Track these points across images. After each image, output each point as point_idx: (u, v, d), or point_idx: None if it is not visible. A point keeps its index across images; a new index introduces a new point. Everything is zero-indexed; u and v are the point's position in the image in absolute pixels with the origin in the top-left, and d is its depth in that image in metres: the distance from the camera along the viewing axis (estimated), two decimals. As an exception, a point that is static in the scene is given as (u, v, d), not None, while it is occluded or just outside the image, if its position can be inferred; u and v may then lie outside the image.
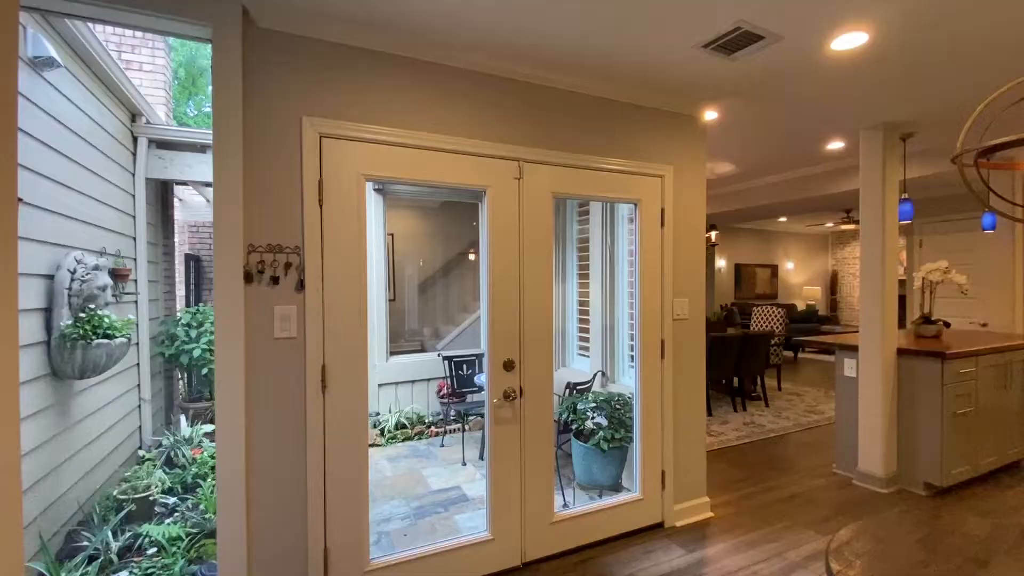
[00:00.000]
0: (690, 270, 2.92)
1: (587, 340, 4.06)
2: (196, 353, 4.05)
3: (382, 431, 4.45)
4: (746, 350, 5.28)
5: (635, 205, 2.74)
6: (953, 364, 3.17)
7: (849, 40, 2.15)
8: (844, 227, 8.15)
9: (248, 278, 1.85)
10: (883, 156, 3.33)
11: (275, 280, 1.89)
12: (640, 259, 2.75)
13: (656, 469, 2.80)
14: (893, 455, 3.35)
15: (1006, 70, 2.45)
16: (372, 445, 4.34)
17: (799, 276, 11.62)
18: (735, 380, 5.45)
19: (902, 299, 6.81)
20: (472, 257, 6.93)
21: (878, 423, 3.31)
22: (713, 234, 6.07)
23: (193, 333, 4.14)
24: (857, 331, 3.52)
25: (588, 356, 4.01)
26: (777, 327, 6.31)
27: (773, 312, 6.54)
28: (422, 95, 2.17)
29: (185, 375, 4.54)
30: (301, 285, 1.93)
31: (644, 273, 2.76)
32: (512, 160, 2.34)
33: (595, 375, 3.66)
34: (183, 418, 4.14)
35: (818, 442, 4.30)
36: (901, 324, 4.36)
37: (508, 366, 2.33)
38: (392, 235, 6.38)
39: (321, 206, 1.96)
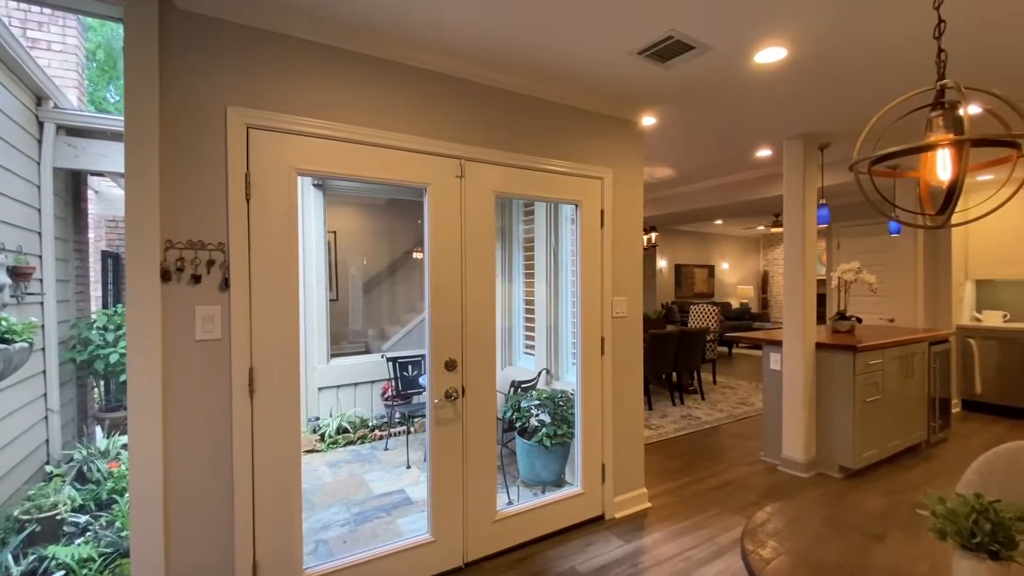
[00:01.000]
0: (628, 269, 3.02)
1: (533, 339, 4.11)
2: (113, 358, 3.74)
3: (322, 436, 4.30)
4: (684, 346, 5.52)
5: (576, 206, 2.80)
6: (863, 356, 3.46)
7: (770, 54, 2.30)
8: (773, 230, 8.71)
9: (165, 276, 1.72)
10: (803, 164, 3.59)
11: (196, 279, 1.78)
12: (581, 259, 2.81)
13: (596, 463, 2.87)
14: (813, 442, 3.61)
15: (902, 87, 2.70)
16: (311, 451, 4.18)
17: (733, 276, 12.30)
18: (673, 375, 5.69)
19: (823, 297, 7.37)
20: (418, 256, 6.83)
21: (799, 412, 3.56)
22: (653, 235, 6.29)
23: (110, 337, 3.82)
24: (783, 327, 3.77)
25: (534, 354, 4.06)
26: (712, 324, 6.65)
27: (708, 310, 6.88)
28: (361, 89, 2.12)
29: (101, 383, 4.19)
30: (226, 284, 1.83)
31: (585, 272, 2.82)
32: (454, 158, 2.33)
33: (540, 373, 3.71)
34: (99, 429, 3.81)
35: (748, 432, 4.56)
36: (822, 320, 4.71)
37: (450, 366, 2.31)
38: (334, 233, 6.17)
39: (248, 201, 1.87)
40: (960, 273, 5.28)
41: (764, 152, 4.54)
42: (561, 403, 3.25)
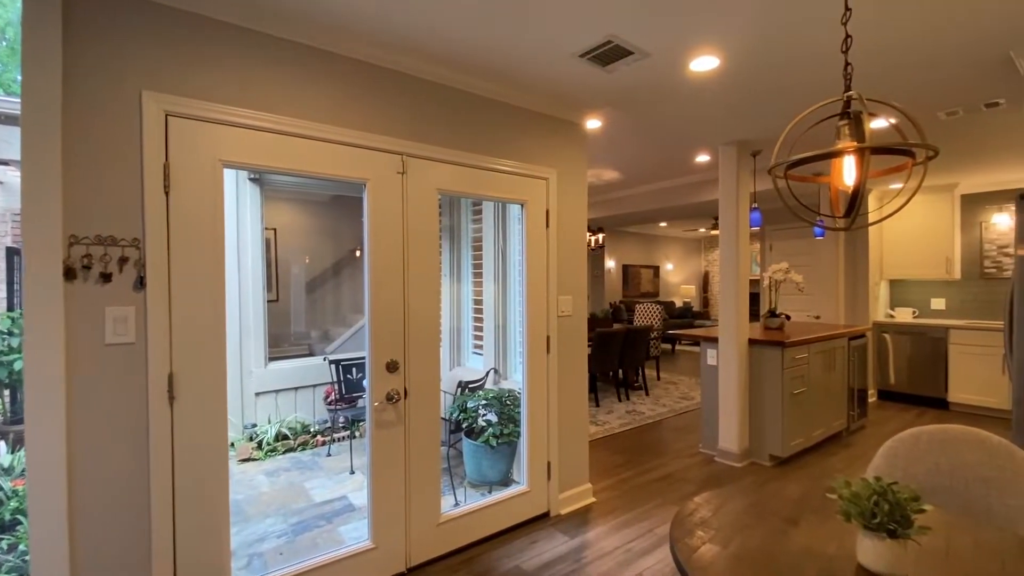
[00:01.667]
0: (573, 269, 3.06)
1: (482, 338, 4.09)
2: (18, 365, 3.38)
3: (260, 444, 4.09)
4: (629, 344, 5.68)
5: (522, 206, 2.81)
6: (791, 351, 3.68)
7: (704, 63, 2.40)
8: (713, 232, 9.13)
9: (69, 274, 1.57)
10: (737, 170, 3.78)
11: (106, 277, 1.63)
12: (527, 258, 2.82)
13: (542, 461, 2.89)
14: (746, 433, 3.81)
15: (821, 98, 2.89)
16: (247, 460, 3.97)
17: (677, 276, 12.80)
18: (620, 372, 5.84)
19: (757, 296, 7.82)
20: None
21: (734, 405, 3.74)
22: (600, 236, 6.42)
23: (14, 342, 3.46)
24: (718, 325, 3.95)
25: (482, 354, 4.04)
26: (656, 322, 6.88)
27: (652, 308, 7.11)
28: (296, 79, 2.02)
29: (6, 392, 3.78)
30: (141, 283, 1.69)
31: (531, 272, 2.84)
32: (395, 154, 2.27)
33: (488, 372, 3.70)
34: (2, 444, 3.44)
35: (689, 425, 4.75)
36: (756, 318, 4.98)
37: (391, 367, 2.25)
38: (274, 230, 5.89)
39: (167, 193, 1.74)
40: (876, 273, 5.74)
41: (703, 158, 4.75)
42: (508, 402, 3.26)
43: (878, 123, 3.10)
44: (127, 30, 1.68)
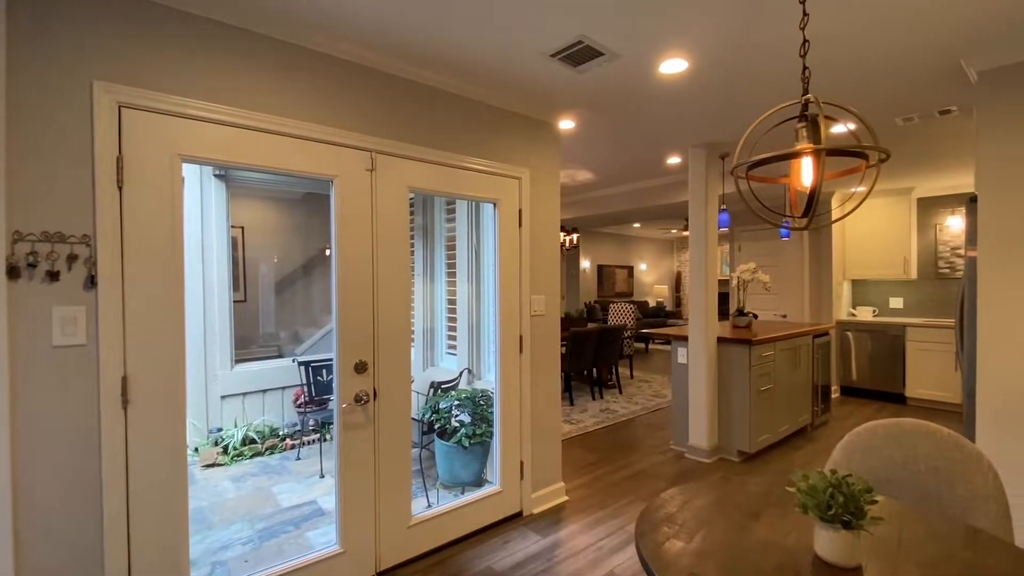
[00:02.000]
0: (546, 269, 3.07)
1: (455, 339, 4.06)
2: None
3: (225, 448, 3.97)
4: (603, 343, 5.73)
5: (494, 205, 2.80)
6: (758, 349, 3.78)
7: (674, 65, 2.43)
8: (684, 233, 9.31)
9: (13, 273, 1.49)
10: (706, 171, 3.85)
11: (54, 275, 1.55)
12: (499, 258, 2.81)
13: (515, 461, 2.89)
14: (715, 429, 3.88)
15: (783, 103, 2.98)
16: (212, 465, 3.85)
17: (650, 276, 13.00)
18: (594, 371, 5.89)
19: (727, 296, 7.99)
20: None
21: (703, 402, 3.81)
22: (575, 236, 6.47)
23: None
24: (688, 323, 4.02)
25: (456, 354, 4.01)
26: (629, 321, 6.97)
27: (626, 308, 7.20)
28: (260, 73, 1.96)
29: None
30: (92, 282, 1.61)
31: (503, 271, 2.83)
32: (364, 150, 2.23)
33: (461, 373, 3.67)
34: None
35: (660, 422, 4.83)
36: (725, 317, 5.09)
37: (360, 368, 2.21)
38: (242, 228, 5.73)
39: (121, 188, 1.66)
40: (839, 273, 5.94)
41: (674, 160, 4.82)
42: (481, 402, 3.24)
43: (839, 128, 3.21)
44: (77, 17, 1.60)
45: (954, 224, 5.68)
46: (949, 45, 2.25)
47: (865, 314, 6.03)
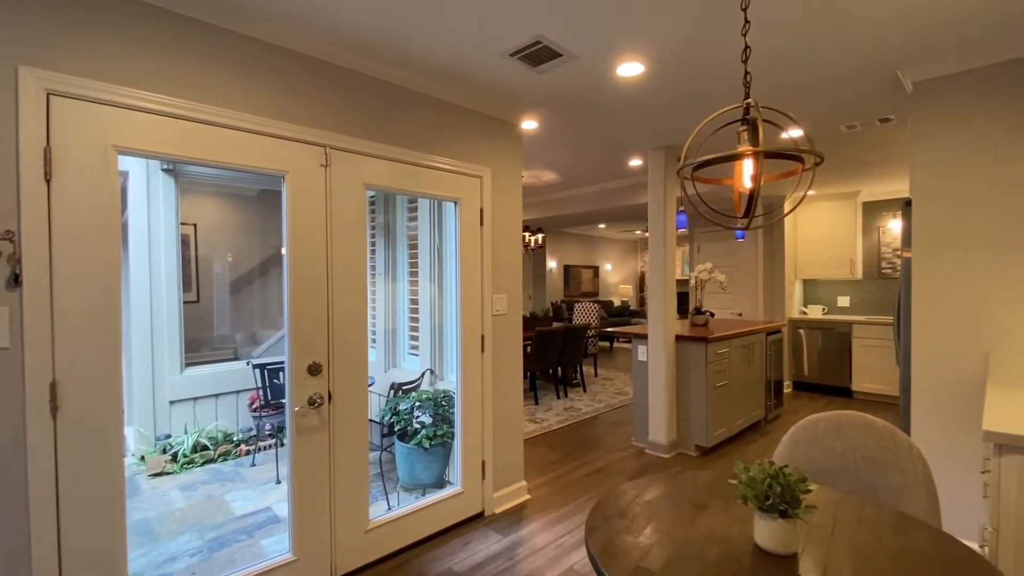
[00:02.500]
0: (508, 268, 3.07)
1: (418, 339, 4.01)
2: None
3: (174, 456, 3.79)
4: (568, 342, 5.79)
5: (455, 203, 2.78)
6: (714, 346, 3.89)
7: (630, 68, 2.47)
8: (648, 234, 9.50)
9: (-79, 271, 1.37)
10: (664, 173, 3.94)
11: (-30, 274, 1.44)
12: (460, 257, 2.79)
13: (477, 460, 2.87)
14: (674, 425, 3.98)
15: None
16: (160, 474, 3.67)
17: (615, 276, 13.22)
18: (559, 369, 5.94)
19: (687, 296, 8.20)
20: (297, 253, 6.31)
21: (662, 399, 3.90)
22: (540, 236, 6.51)
23: None
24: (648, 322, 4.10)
25: (419, 355, 3.96)
26: (593, 320, 7.06)
27: (591, 307, 7.29)
28: (208, 63, 1.88)
29: None
30: (16, 280, 1.51)
31: (465, 270, 2.81)
32: (318, 146, 2.17)
33: (424, 374, 3.63)
34: None
35: (623, 419, 4.91)
36: (686, 316, 5.23)
37: (314, 370, 2.15)
38: (194, 226, 5.49)
39: (49, 181, 1.56)
40: (791, 273, 6.20)
41: (636, 162, 4.92)
42: (444, 403, 3.21)
43: (791, 133, 3.34)
44: (-4, -5, 1.49)
45: (895, 227, 6.02)
46: (887, 57, 2.38)
47: (815, 312, 6.31)
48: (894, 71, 2.54)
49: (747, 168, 1.15)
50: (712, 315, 4.75)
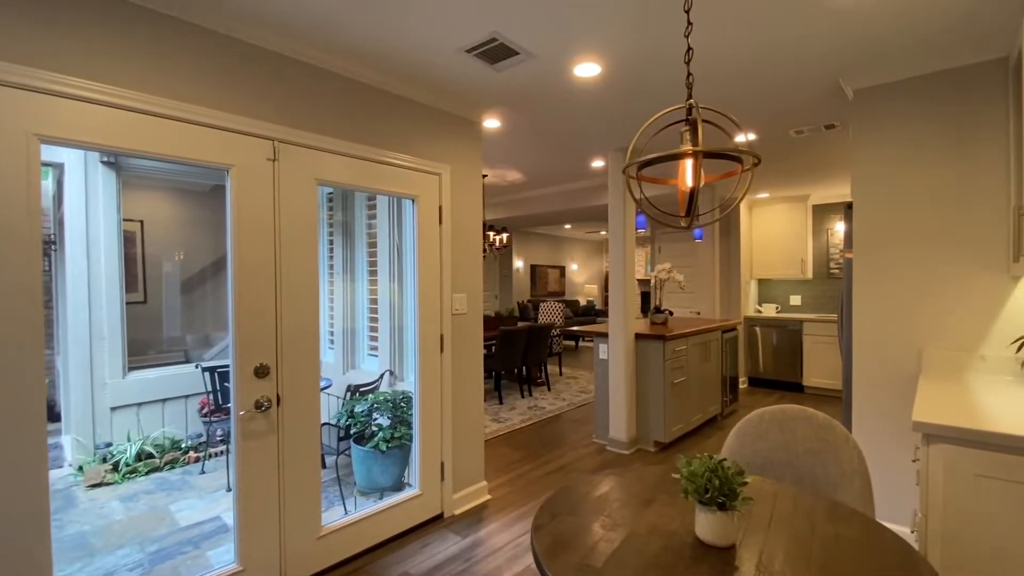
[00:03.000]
0: (468, 267, 3.04)
1: (377, 339, 3.93)
2: None
3: (116, 465, 3.58)
4: (532, 341, 5.81)
5: (413, 201, 2.73)
6: (671, 344, 3.98)
7: (587, 69, 2.49)
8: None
9: None
10: (624, 175, 3.99)
11: None
12: (418, 255, 2.75)
13: (435, 462, 2.83)
14: (633, 422, 4.05)
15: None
16: (99, 485, 3.46)
17: (582, 276, 13.37)
18: (523, 369, 5.95)
19: (649, 295, 8.36)
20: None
21: (622, 396, 3.96)
22: (505, 235, 6.51)
23: None
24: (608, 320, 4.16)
25: (378, 356, 3.89)
26: (558, 319, 7.10)
27: (555, 307, 7.34)
28: (145, 49, 1.78)
29: None
30: (-82, 279, 1.38)
31: (423, 269, 2.77)
32: (265, 139, 2.09)
33: (383, 375, 3.56)
34: None
35: (585, 417, 4.96)
36: (647, 312, 5.32)
37: (261, 372, 2.07)
38: (141, 223, 5.21)
39: (-43, 171, 1.44)
40: (746, 273, 6.41)
41: (598, 163, 4.98)
42: (403, 404, 3.16)
43: (742, 137, 3.45)
44: None
45: (841, 229, 6.31)
46: (829, 65, 2.48)
47: (769, 311, 6.55)
48: (836, 79, 2.65)
49: (688, 168, 1.17)
50: (671, 314, 4.86)
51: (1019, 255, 1.99)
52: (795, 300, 6.65)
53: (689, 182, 1.16)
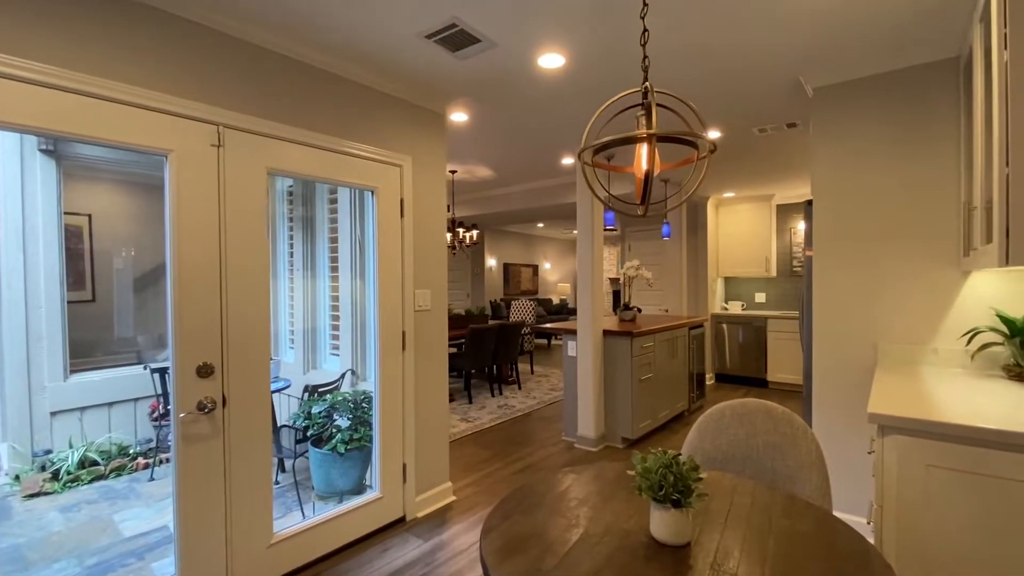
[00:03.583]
0: (432, 262, 2.96)
1: (340, 338, 3.80)
2: None
3: (56, 474, 3.36)
4: (502, 339, 5.75)
5: (373, 192, 2.63)
6: (639, 340, 3.98)
7: (551, 60, 2.45)
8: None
9: None
10: (593, 170, 3.97)
11: None
12: (379, 249, 2.66)
13: (397, 464, 2.74)
14: (601, 418, 4.03)
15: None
16: (37, 494, 3.24)
17: (555, 275, 13.39)
18: (494, 367, 5.88)
19: (619, 294, 8.40)
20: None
21: (590, 393, 3.94)
22: (474, 232, 6.43)
23: None
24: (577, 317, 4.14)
25: (340, 355, 3.76)
26: (529, 317, 7.06)
27: (526, 305, 7.30)
28: (72, 25, 1.63)
29: None
30: None
31: (383, 264, 2.68)
32: (209, 123, 1.97)
33: (344, 374, 3.44)
34: None
35: (555, 415, 4.93)
36: (616, 311, 5.33)
37: (205, 372, 1.95)
38: (88, 216, 4.92)
39: None
40: (713, 271, 6.51)
41: (567, 160, 4.95)
42: (364, 405, 3.05)
43: (714, 134, 3.48)
44: None
45: (803, 228, 6.47)
46: (789, 63, 2.50)
47: (735, 308, 6.67)
48: (797, 77, 2.68)
49: (643, 152, 1.13)
50: (640, 311, 4.88)
51: (969, 250, 2.04)
52: (760, 298, 6.79)
53: (644, 165, 1.12)
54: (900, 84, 2.42)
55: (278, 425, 3.28)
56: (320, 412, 2.90)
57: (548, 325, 4.76)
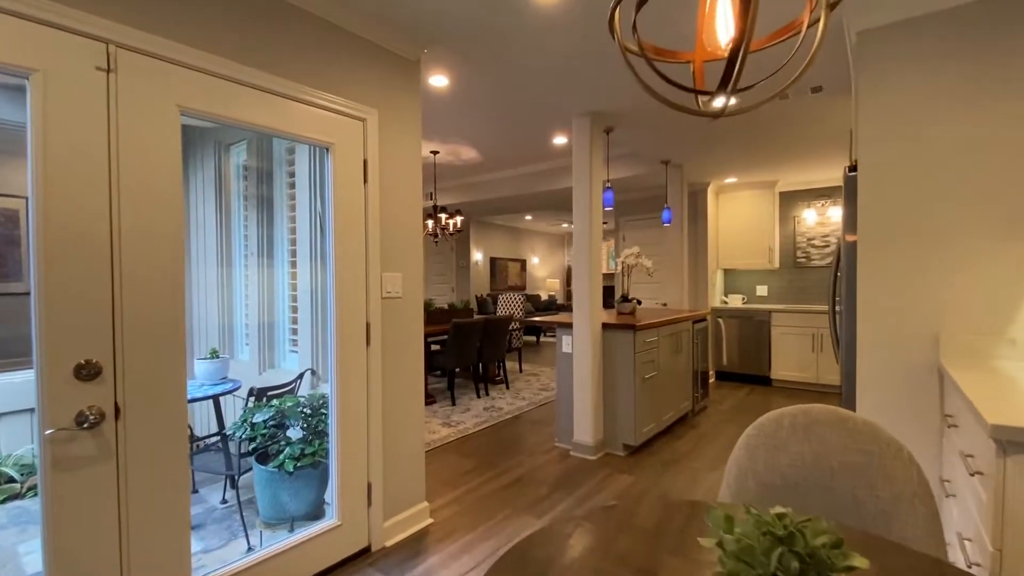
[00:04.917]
0: (404, 240, 2.48)
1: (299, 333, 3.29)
2: None
3: (-50, 495, 2.79)
4: (488, 335, 5.27)
5: (327, 150, 2.14)
6: (642, 334, 3.54)
7: (550, -16, 1.98)
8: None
9: None
10: (591, 144, 3.52)
11: None
12: (335, 221, 2.17)
13: (360, 483, 2.26)
14: (600, 423, 3.59)
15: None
16: (-77, 521, 2.67)
17: (543, 270, 12.95)
18: (479, 366, 5.41)
19: (612, 289, 8.01)
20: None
21: (588, 394, 3.49)
22: (459, 219, 5.95)
23: None
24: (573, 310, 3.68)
25: (299, 352, 3.25)
26: (517, 312, 6.60)
27: (514, 299, 6.84)
28: None
29: None
30: None
31: (341, 238, 2.19)
32: (95, 39, 1.46)
33: (302, 374, 2.94)
34: None
35: (546, 418, 4.47)
36: (610, 308, 4.90)
37: (88, 373, 1.44)
38: (26, 199, 4.32)
39: None
40: (713, 263, 6.12)
41: (560, 139, 4.50)
42: (323, 411, 2.55)
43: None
44: None
45: (809, 217, 6.11)
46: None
47: (735, 301, 6.29)
48: (838, 17, 2.26)
49: (724, 14, 0.67)
50: (639, 303, 4.45)
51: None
52: (761, 290, 6.42)
53: (725, 36, 0.66)
54: (975, 18, 2.01)
55: (226, 434, 2.77)
56: (265, 421, 2.39)
57: (540, 318, 4.31)
